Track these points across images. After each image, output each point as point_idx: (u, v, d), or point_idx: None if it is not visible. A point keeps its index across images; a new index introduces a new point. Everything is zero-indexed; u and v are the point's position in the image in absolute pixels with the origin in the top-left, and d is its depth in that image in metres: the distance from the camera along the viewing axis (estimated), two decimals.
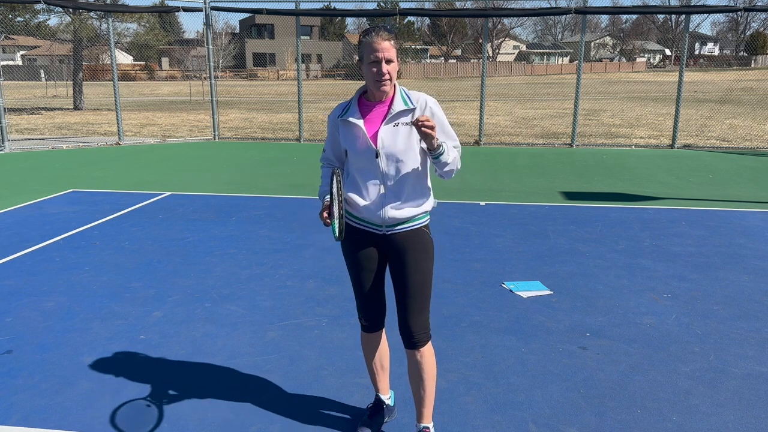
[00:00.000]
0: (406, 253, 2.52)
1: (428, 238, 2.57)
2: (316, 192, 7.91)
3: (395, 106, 2.43)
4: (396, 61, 2.39)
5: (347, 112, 2.49)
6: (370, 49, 2.35)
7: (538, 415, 2.93)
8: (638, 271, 4.93)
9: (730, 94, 26.32)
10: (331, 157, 2.64)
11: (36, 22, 20.80)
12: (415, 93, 2.49)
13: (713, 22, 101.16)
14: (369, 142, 2.43)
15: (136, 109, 21.61)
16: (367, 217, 2.51)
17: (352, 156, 2.48)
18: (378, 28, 2.38)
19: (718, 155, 11.08)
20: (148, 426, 2.85)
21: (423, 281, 2.53)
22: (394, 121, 2.43)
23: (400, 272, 2.54)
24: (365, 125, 2.46)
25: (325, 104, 23.85)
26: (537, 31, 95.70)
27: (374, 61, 2.34)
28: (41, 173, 9.29)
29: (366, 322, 2.72)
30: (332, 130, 2.57)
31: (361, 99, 2.52)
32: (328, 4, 20.45)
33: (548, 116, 18.73)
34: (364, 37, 2.38)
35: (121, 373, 3.33)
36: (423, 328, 2.56)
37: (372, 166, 2.45)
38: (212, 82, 13.25)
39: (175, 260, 5.21)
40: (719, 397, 3.08)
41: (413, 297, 2.53)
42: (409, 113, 2.44)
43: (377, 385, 2.85)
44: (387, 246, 2.56)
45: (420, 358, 2.57)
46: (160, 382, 3.23)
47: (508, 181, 8.69)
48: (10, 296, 4.43)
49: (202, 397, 3.09)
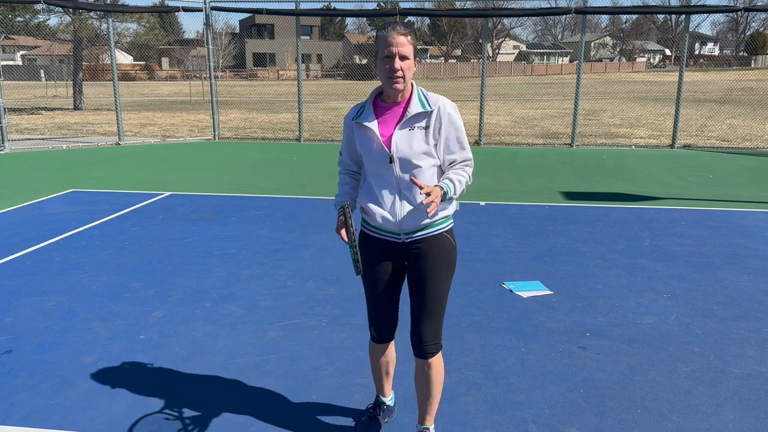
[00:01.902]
0: (425, 262, 2.43)
1: (450, 245, 2.47)
2: (316, 192, 7.91)
3: (411, 108, 2.32)
4: (412, 59, 2.27)
5: (361, 114, 2.40)
6: (384, 43, 2.24)
7: (538, 415, 2.93)
8: (638, 271, 4.93)
9: (730, 94, 26.32)
10: (348, 160, 2.55)
11: (36, 22, 20.80)
12: (434, 95, 2.38)
13: (713, 22, 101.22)
14: (383, 147, 2.33)
15: (136, 109, 21.61)
16: (384, 226, 2.42)
17: (367, 161, 2.39)
18: (395, 23, 2.29)
19: (718, 155, 11.08)
20: (148, 426, 2.85)
21: (439, 292, 2.44)
22: (410, 125, 2.33)
23: (417, 281, 2.45)
24: (379, 128, 2.36)
25: (325, 104, 23.86)
26: (537, 31, 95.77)
27: (387, 55, 2.24)
28: (41, 173, 9.29)
29: (376, 334, 2.64)
30: (348, 132, 2.48)
31: (377, 100, 2.42)
32: (328, 4, 20.44)
33: (548, 116, 18.73)
34: (380, 31, 2.29)
35: (121, 373, 3.33)
36: (435, 338, 2.49)
37: (386, 172, 2.36)
38: (212, 82, 13.26)
39: (175, 260, 5.21)
40: (719, 397, 3.08)
41: (428, 307, 2.45)
42: (426, 116, 2.34)
43: (380, 388, 2.84)
44: (407, 254, 2.46)
45: (428, 369, 2.53)
46: (160, 382, 3.23)
47: (508, 181, 8.69)
48: (10, 296, 4.43)
49: (202, 397, 3.09)
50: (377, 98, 2.43)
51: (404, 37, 2.24)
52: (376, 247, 2.50)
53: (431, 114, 2.33)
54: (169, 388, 3.17)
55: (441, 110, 2.34)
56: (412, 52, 2.27)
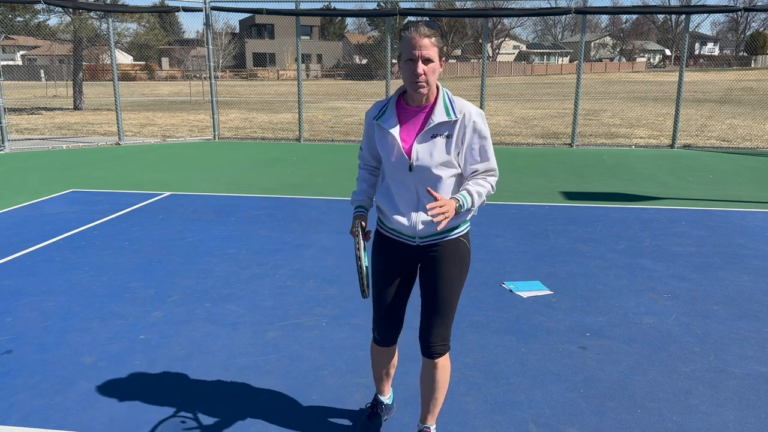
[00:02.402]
0: (439, 266, 2.41)
1: (465, 249, 2.43)
2: (316, 192, 7.91)
3: (435, 116, 2.24)
4: (437, 62, 2.18)
5: (383, 115, 2.33)
6: (407, 45, 2.15)
7: (538, 415, 2.93)
8: (638, 271, 4.93)
9: (730, 94, 26.32)
10: (368, 155, 2.51)
11: (36, 22, 20.80)
12: (461, 101, 2.28)
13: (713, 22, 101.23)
14: (403, 154, 2.27)
15: (136, 109, 21.61)
16: (399, 228, 2.38)
17: (386, 164, 2.35)
18: (418, 23, 2.17)
19: (718, 155, 11.08)
20: (148, 426, 2.85)
21: (451, 296, 2.43)
22: (432, 134, 2.25)
23: (429, 284, 2.44)
24: (401, 134, 2.29)
25: (325, 104, 23.86)
26: (537, 31, 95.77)
27: (410, 58, 2.15)
28: (41, 173, 9.29)
29: (379, 337, 2.61)
30: (369, 129, 2.43)
31: (400, 101, 2.34)
32: (328, 4, 20.45)
33: (548, 116, 18.73)
34: (403, 32, 2.18)
35: (121, 373, 3.33)
36: (443, 339, 2.49)
37: (405, 177, 2.30)
38: (212, 82, 13.25)
39: (175, 260, 5.21)
40: (719, 397, 3.08)
41: (438, 310, 2.45)
42: (450, 126, 2.25)
43: (380, 388, 2.84)
44: (421, 257, 2.44)
45: (434, 369, 2.52)
46: (160, 382, 3.23)
47: (508, 181, 8.68)
48: (10, 296, 4.43)
49: (202, 398, 3.09)
50: (401, 98, 2.35)
51: (428, 39, 2.14)
52: (390, 247, 2.48)
53: (455, 123, 2.26)
54: (169, 388, 3.17)
55: (466, 118, 2.26)
56: (437, 55, 2.18)
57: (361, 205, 2.50)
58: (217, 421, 2.89)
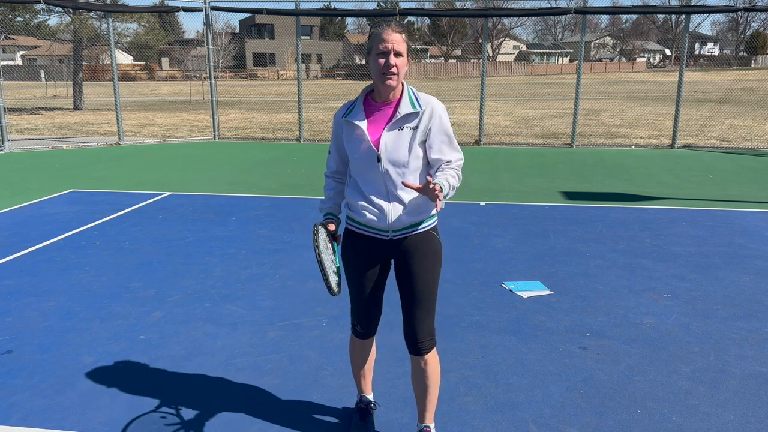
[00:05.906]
0: (413, 259, 2.45)
1: (437, 242, 2.50)
2: (316, 192, 7.91)
3: (402, 109, 2.33)
4: (405, 57, 2.29)
5: (351, 112, 2.40)
6: (378, 39, 2.25)
7: (538, 416, 2.93)
8: (638, 271, 4.93)
9: (730, 94, 26.32)
10: (336, 158, 2.55)
11: (36, 22, 20.80)
12: (425, 95, 2.39)
13: (713, 22, 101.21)
14: (371, 145, 2.34)
15: (136, 109, 21.61)
16: (371, 223, 2.42)
17: (353, 161, 2.41)
18: (389, 22, 2.29)
19: (718, 155, 11.08)
20: (148, 426, 2.85)
21: (429, 287, 2.47)
22: (399, 125, 2.34)
23: (406, 278, 2.48)
24: (369, 127, 2.37)
25: (325, 104, 23.86)
26: (537, 31, 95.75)
27: (382, 51, 2.24)
28: (41, 173, 9.29)
29: (361, 329, 2.65)
30: (337, 129, 2.48)
31: (367, 99, 2.42)
32: (328, 4, 20.44)
33: (548, 116, 18.73)
34: (374, 29, 2.30)
35: (121, 373, 3.33)
36: (428, 334, 2.51)
37: (374, 170, 2.36)
38: (212, 82, 13.25)
39: (175, 260, 5.21)
40: (719, 397, 3.08)
41: (419, 304, 2.47)
42: (416, 117, 2.34)
43: (363, 387, 2.86)
44: (394, 251, 2.49)
45: (424, 366, 2.54)
46: (160, 382, 3.23)
47: (508, 181, 8.69)
48: (10, 296, 4.43)
49: (202, 397, 3.09)
50: (368, 96, 2.43)
51: (399, 35, 2.26)
52: (362, 244, 2.50)
53: (421, 114, 2.34)
54: (169, 388, 3.17)
55: (431, 110, 2.35)
56: (406, 50, 2.29)
57: (330, 212, 2.56)
58: (218, 421, 2.89)
